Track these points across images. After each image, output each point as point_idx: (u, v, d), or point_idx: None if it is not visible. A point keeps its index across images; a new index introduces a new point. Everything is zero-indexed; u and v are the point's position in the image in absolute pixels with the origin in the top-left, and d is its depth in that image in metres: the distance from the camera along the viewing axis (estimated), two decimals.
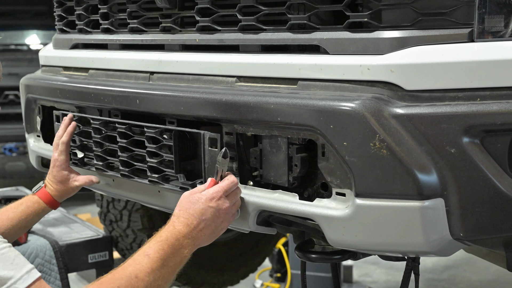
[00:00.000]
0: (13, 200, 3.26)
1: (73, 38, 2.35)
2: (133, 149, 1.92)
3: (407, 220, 1.42)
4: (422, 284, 4.33)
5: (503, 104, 1.39)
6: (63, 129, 2.08)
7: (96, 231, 3.06)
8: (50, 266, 2.75)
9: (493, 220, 1.41)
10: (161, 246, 1.53)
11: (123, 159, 1.96)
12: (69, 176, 2.09)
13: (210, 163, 1.72)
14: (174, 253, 1.54)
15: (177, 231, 1.57)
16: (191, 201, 1.61)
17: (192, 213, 1.59)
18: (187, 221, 1.58)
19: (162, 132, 1.81)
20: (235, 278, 3.56)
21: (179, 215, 1.60)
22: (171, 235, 1.56)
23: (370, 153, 1.42)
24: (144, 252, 1.52)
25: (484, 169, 1.39)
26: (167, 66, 1.93)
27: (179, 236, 1.56)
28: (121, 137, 1.94)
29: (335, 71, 1.54)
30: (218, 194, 1.61)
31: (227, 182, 1.64)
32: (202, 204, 1.60)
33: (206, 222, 1.59)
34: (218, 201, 1.61)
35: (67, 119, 2.09)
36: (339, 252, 1.73)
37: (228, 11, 1.79)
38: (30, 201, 2.07)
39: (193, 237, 1.58)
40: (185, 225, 1.57)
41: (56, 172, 2.08)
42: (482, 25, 1.44)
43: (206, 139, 1.71)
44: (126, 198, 2.35)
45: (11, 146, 6.12)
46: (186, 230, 1.57)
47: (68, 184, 2.09)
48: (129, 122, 1.92)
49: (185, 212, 1.59)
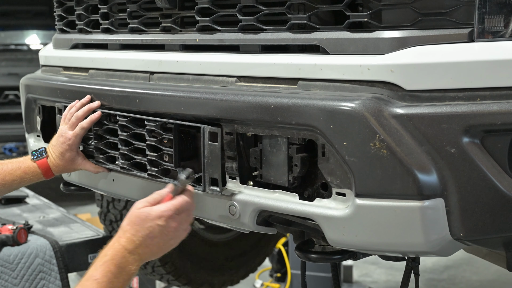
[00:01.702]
0: (13, 201, 3.24)
1: (73, 38, 2.35)
2: (134, 142, 1.92)
3: (407, 220, 1.42)
4: (422, 284, 4.33)
5: (503, 104, 1.39)
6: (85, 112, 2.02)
7: (96, 231, 3.05)
8: (50, 266, 2.75)
9: (493, 220, 1.41)
10: (107, 268, 1.50)
11: (123, 152, 1.96)
12: (76, 158, 2.06)
13: (210, 157, 1.71)
14: (121, 271, 1.52)
15: (123, 247, 1.54)
16: (140, 216, 1.57)
17: (139, 229, 1.56)
18: (133, 237, 1.55)
19: (162, 125, 1.81)
20: (235, 278, 3.56)
21: (126, 229, 1.57)
22: (116, 253, 1.53)
23: (370, 153, 1.42)
24: (92, 277, 1.49)
25: (484, 169, 1.39)
26: (167, 66, 1.93)
27: (124, 253, 1.53)
28: (122, 130, 1.95)
29: (335, 71, 1.54)
30: (169, 212, 1.57)
31: (180, 200, 1.61)
32: (150, 221, 1.56)
33: (153, 239, 1.56)
34: (167, 219, 1.57)
35: (94, 104, 2.03)
36: (339, 252, 1.73)
37: (228, 11, 1.79)
38: (28, 168, 2.03)
39: (139, 253, 1.55)
40: (130, 242, 1.55)
41: (64, 150, 2.03)
42: (482, 25, 1.44)
43: (206, 133, 1.71)
44: (127, 198, 2.35)
45: (11, 146, 6.12)
46: (131, 246, 1.54)
47: (72, 165, 2.07)
48: (130, 115, 1.92)
49: (132, 228, 1.56)
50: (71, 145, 2.03)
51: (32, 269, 2.68)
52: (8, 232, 2.71)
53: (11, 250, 2.67)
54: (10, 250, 2.67)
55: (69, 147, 2.03)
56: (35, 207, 3.49)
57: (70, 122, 2.04)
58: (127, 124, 1.93)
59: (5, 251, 2.65)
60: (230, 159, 1.72)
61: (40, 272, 2.70)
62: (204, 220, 1.94)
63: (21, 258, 2.67)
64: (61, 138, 2.04)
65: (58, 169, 2.06)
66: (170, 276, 3.16)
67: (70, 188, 2.41)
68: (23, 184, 2.05)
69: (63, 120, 2.07)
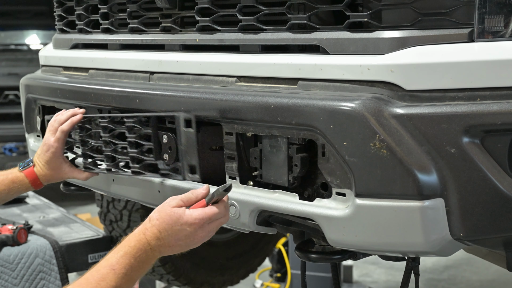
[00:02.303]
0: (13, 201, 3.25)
1: (73, 38, 2.35)
2: (117, 142, 1.92)
3: (407, 220, 1.42)
4: (422, 284, 4.33)
5: (503, 104, 1.39)
6: (68, 116, 2.02)
7: (96, 231, 3.06)
8: (50, 266, 2.75)
9: (493, 220, 1.41)
10: (128, 260, 1.49)
11: (107, 154, 1.96)
12: (62, 165, 2.03)
13: (186, 144, 1.71)
14: (139, 266, 1.51)
15: (147, 242, 1.53)
16: (172, 216, 1.54)
17: (167, 228, 1.53)
18: (160, 234, 1.53)
19: (140, 120, 1.82)
20: (235, 278, 3.56)
21: (154, 223, 1.54)
22: (140, 246, 1.52)
23: (370, 153, 1.42)
24: (110, 265, 1.47)
25: (484, 169, 1.39)
26: (167, 66, 1.93)
27: (147, 248, 1.52)
28: (104, 131, 1.95)
29: (335, 71, 1.54)
30: (200, 221, 1.54)
31: (214, 211, 1.56)
32: (181, 225, 1.54)
33: (178, 241, 1.55)
34: (197, 228, 1.55)
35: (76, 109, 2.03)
36: (339, 252, 1.73)
37: (228, 11, 1.79)
38: (16, 178, 2.01)
39: (161, 251, 1.55)
40: (156, 238, 1.53)
41: (49, 158, 2.00)
42: (482, 25, 1.44)
43: (181, 120, 1.71)
44: (126, 198, 2.35)
45: (11, 146, 6.12)
46: (155, 243, 1.53)
47: (59, 173, 2.04)
48: (109, 116, 1.93)
49: (160, 224, 1.54)
50: (54, 152, 2.00)
51: (32, 269, 2.68)
52: (8, 232, 2.71)
53: (11, 250, 2.67)
54: (10, 250, 2.67)
55: (53, 155, 2.00)
56: (35, 207, 3.49)
57: (52, 127, 2.02)
58: (108, 124, 1.93)
59: (5, 251, 2.65)
60: (230, 159, 1.72)
61: (40, 272, 2.70)
62: None
63: (21, 258, 2.68)
64: (45, 146, 2.02)
65: (46, 178, 2.03)
66: (170, 276, 3.16)
67: (70, 188, 2.41)
68: (11, 194, 2.02)
69: (48, 129, 2.04)
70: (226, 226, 1.83)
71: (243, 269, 3.58)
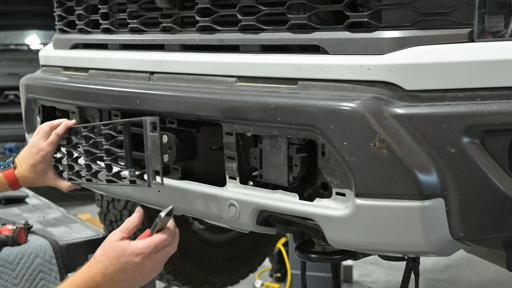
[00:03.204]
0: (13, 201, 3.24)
1: (73, 38, 2.35)
2: (94, 151, 1.92)
3: (407, 220, 1.42)
4: (422, 284, 4.33)
5: (503, 104, 1.39)
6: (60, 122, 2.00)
7: (96, 231, 3.05)
8: (50, 266, 2.75)
9: (493, 220, 1.41)
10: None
11: (87, 163, 1.95)
12: (47, 171, 1.98)
13: (152, 149, 1.67)
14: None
15: (92, 279, 1.49)
16: (116, 249, 1.51)
17: (113, 262, 1.49)
18: (105, 270, 1.49)
19: (116, 128, 1.81)
20: (235, 278, 3.56)
21: (99, 260, 1.51)
22: (83, 283, 1.48)
23: (370, 153, 1.42)
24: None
25: (484, 169, 1.39)
26: (167, 66, 1.93)
27: (92, 285, 1.48)
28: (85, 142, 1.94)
29: (335, 71, 1.54)
30: (147, 250, 1.51)
31: (159, 238, 1.53)
32: (127, 256, 1.50)
33: (126, 275, 1.50)
34: (144, 257, 1.50)
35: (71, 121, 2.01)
36: (339, 252, 1.73)
37: (228, 11, 1.79)
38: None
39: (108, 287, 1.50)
40: (101, 275, 1.49)
41: (36, 162, 1.95)
42: (482, 25, 1.44)
43: (147, 124, 1.68)
44: (126, 198, 2.35)
45: (11, 146, 6.12)
46: (101, 279, 1.49)
47: (42, 179, 1.99)
48: (90, 125, 1.92)
49: (106, 260, 1.50)
50: (44, 155, 1.95)
51: (32, 269, 2.68)
52: (8, 232, 2.71)
53: (11, 250, 2.66)
54: (10, 250, 2.67)
55: (43, 158, 1.95)
56: (35, 207, 3.49)
57: (42, 130, 1.97)
58: (88, 133, 1.93)
59: (5, 251, 2.65)
60: (230, 159, 1.72)
61: (40, 272, 2.70)
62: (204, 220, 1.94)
63: (21, 258, 2.67)
64: (33, 148, 1.96)
65: (26, 181, 1.98)
66: (170, 276, 3.16)
67: None
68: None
69: (37, 132, 2.00)
70: (226, 226, 1.84)
71: (243, 269, 3.58)
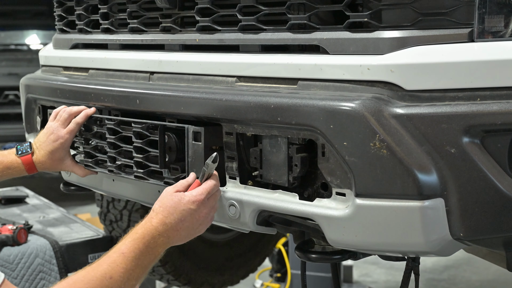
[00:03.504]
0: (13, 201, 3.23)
1: (73, 38, 2.35)
2: (121, 145, 1.92)
3: (407, 220, 1.42)
4: (422, 284, 4.33)
5: (503, 104, 1.39)
6: (80, 109, 1.99)
7: (96, 231, 3.06)
8: (50, 266, 2.75)
9: (493, 220, 1.41)
10: (136, 245, 1.51)
11: (111, 155, 1.96)
12: (65, 158, 2.00)
13: (194, 157, 1.71)
14: (148, 251, 1.52)
15: (154, 228, 1.54)
16: (173, 199, 1.58)
17: (171, 211, 1.57)
18: (166, 219, 1.56)
19: (149, 127, 1.82)
20: (235, 278, 3.56)
21: (158, 211, 1.58)
22: (147, 232, 1.54)
23: (370, 153, 1.42)
24: (119, 250, 1.49)
25: (484, 169, 1.39)
26: (167, 66, 1.93)
27: (155, 233, 1.54)
28: (110, 133, 1.95)
29: (335, 71, 1.54)
30: (201, 196, 1.60)
31: (210, 184, 1.63)
32: (184, 204, 1.58)
33: (184, 223, 1.57)
34: (199, 204, 1.59)
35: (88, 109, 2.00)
36: (339, 252, 1.73)
37: (228, 11, 1.79)
38: (11, 163, 1.97)
39: (168, 236, 1.56)
40: (162, 223, 1.55)
41: (55, 148, 1.97)
42: (482, 25, 1.44)
43: (190, 133, 1.71)
44: (126, 198, 2.35)
45: (11, 146, 6.10)
46: (162, 228, 1.55)
47: (59, 165, 2.01)
48: (117, 118, 1.92)
49: (164, 210, 1.57)
50: (63, 143, 1.97)
51: (32, 269, 2.69)
52: (8, 232, 2.72)
53: (11, 250, 2.67)
54: (10, 250, 2.67)
55: (61, 146, 1.97)
56: (35, 207, 3.49)
57: (61, 118, 1.98)
58: (115, 127, 1.93)
59: (5, 251, 2.65)
60: (230, 159, 1.72)
61: (40, 272, 2.70)
62: None
63: (21, 258, 2.68)
64: (52, 135, 1.97)
65: (43, 166, 1.99)
66: (170, 276, 3.16)
67: (70, 188, 2.41)
68: (3, 178, 1.98)
69: (53, 117, 2.01)
70: (226, 226, 1.84)
71: (243, 269, 3.58)
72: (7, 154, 2.00)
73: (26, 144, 2.02)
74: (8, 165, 1.97)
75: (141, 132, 1.84)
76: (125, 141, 1.94)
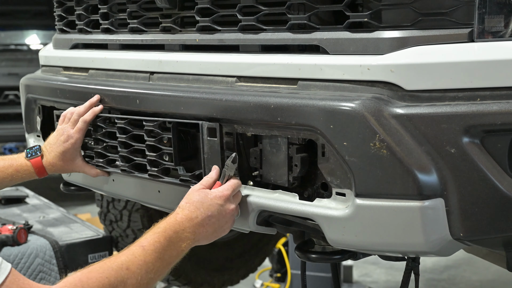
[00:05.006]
0: (13, 201, 3.23)
1: (73, 38, 2.35)
2: (133, 144, 1.92)
3: (407, 220, 1.42)
4: (422, 284, 4.33)
5: (503, 104, 1.39)
6: (87, 107, 1.99)
7: (96, 231, 3.06)
8: (50, 266, 2.75)
9: (493, 220, 1.41)
10: (157, 238, 1.48)
11: (123, 154, 1.96)
12: (76, 158, 2.00)
13: (209, 153, 1.71)
14: (170, 246, 1.49)
15: (178, 223, 1.52)
16: (200, 194, 1.58)
17: (198, 206, 1.55)
18: (192, 214, 1.54)
19: (161, 125, 1.81)
20: (235, 278, 3.56)
21: (184, 207, 1.56)
22: (170, 227, 1.51)
23: (370, 153, 1.42)
24: (139, 243, 1.47)
25: (484, 169, 1.39)
26: (167, 66, 1.93)
27: (178, 228, 1.52)
28: (121, 132, 1.94)
29: (335, 71, 1.54)
30: (228, 192, 1.60)
31: (234, 181, 1.63)
32: (211, 200, 1.57)
33: (211, 219, 1.56)
34: (226, 200, 1.59)
35: (94, 98, 1.99)
36: (339, 252, 1.73)
37: (228, 11, 1.79)
38: (21, 166, 1.96)
39: (194, 232, 1.54)
40: (188, 218, 1.53)
41: (66, 149, 1.97)
42: (482, 25, 1.44)
43: (204, 129, 1.71)
44: (126, 198, 2.35)
45: (11, 146, 6.12)
46: (188, 223, 1.53)
47: (70, 166, 2.00)
48: (128, 117, 1.92)
49: (191, 205, 1.55)
50: (74, 143, 1.97)
51: (32, 269, 2.69)
52: (8, 232, 2.72)
53: (11, 250, 2.67)
54: (10, 250, 2.67)
55: (72, 146, 1.97)
56: (35, 207, 3.49)
57: (72, 119, 1.99)
58: (125, 126, 1.93)
59: (5, 251, 2.65)
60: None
61: (40, 272, 2.70)
62: None
63: (21, 258, 2.68)
64: (62, 136, 1.98)
65: (54, 168, 1.99)
66: (170, 276, 3.16)
67: (70, 188, 2.41)
68: (13, 182, 1.98)
69: (62, 120, 2.03)
70: None
71: (243, 269, 3.58)
72: (17, 158, 2.00)
73: (35, 147, 2.01)
74: (18, 168, 1.96)
75: (154, 130, 1.84)
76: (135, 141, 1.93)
